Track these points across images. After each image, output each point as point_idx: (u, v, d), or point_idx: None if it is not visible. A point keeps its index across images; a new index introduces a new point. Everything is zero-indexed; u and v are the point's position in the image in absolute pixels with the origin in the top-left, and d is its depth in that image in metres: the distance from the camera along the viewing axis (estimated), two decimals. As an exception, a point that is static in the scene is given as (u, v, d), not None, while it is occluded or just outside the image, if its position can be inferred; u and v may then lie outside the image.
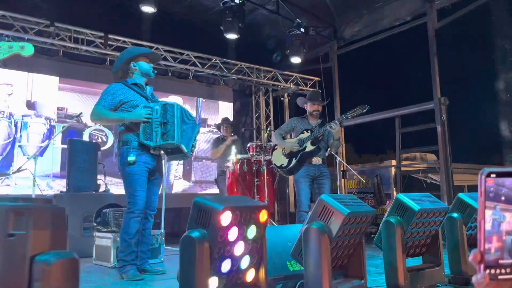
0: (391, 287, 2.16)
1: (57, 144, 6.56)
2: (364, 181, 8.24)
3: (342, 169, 8.00)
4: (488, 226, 0.58)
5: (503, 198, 0.58)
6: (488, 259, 0.58)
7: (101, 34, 6.48)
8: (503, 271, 0.58)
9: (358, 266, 2.17)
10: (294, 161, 4.63)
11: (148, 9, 5.89)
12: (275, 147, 4.89)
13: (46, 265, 1.07)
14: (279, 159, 4.79)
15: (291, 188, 8.65)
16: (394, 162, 8.06)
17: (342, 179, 8.08)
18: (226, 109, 8.61)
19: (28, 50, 2.47)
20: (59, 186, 6.37)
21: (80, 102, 6.90)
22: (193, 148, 3.53)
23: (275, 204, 7.63)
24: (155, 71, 3.65)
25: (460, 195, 2.68)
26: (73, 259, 1.13)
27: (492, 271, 0.58)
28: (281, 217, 8.70)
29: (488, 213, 0.58)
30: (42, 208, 1.15)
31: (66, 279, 1.10)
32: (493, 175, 0.58)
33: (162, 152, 3.55)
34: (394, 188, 8.10)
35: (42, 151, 5.98)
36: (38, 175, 5.21)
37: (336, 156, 7.52)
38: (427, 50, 6.77)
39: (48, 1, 6.42)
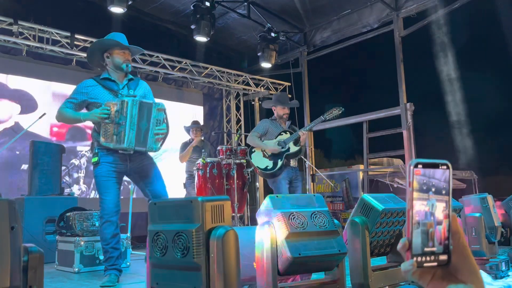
0: (356, 285, 2.19)
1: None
2: (332, 185, 8.35)
3: (311, 173, 8.09)
4: (417, 215, 0.60)
5: (433, 189, 0.61)
6: (415, 247, 0.60)
7: (68, 34, 6.32)
8: (428, 258, 0.61)
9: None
10: (280, 163, 4.44)
11: (117, 9, 5.79)
12: (253, 150, 4.68)
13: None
14: (261, 161, 4.56)
15: (261, 192, 8.66)
16: (362, 167, 8.20)
17: (312, 183, 8.17)
18: (196, 113, 8.55)
19: None
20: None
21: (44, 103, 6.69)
22: (159, 136, 3.21)
23: (246, 208, 7.63)
24: (129, 65, 3.34)
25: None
26: None
27: (419, 258, 0.60)
28: (251, 221, 8.69)
29: (419, 203, 0.61)
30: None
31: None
32: (420, 166, 0.61)
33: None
34: (362, 192, 8.23)
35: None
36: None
37: (306, 160, 7.59)
38: (393, 57, 6.96)
39: (12, -2, 6.22)
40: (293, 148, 4.49)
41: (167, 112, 3.38)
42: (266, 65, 7.69)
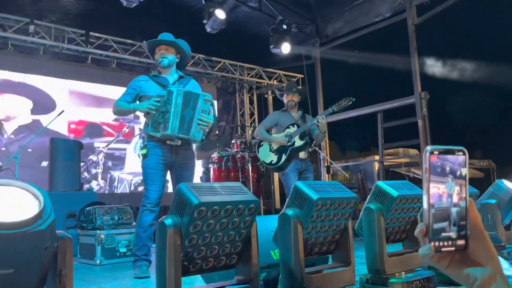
0: (372, 272, 2.21)
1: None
2: (348, 176, 8.35)
3: (326, 164, 8.10)
4: (433, 200, 0.61)
5: (449, 173, 0.62)
6: (432, 232, 0.61)
7: (82, 31, 6.43)
8: (445, 243, 0.61)
9: (345, 252, 2.19)
10: (284, 157, 4.50)
11: (130, 5, 5.85)
12: (261, 143, 4.74)
13: None
14: (267, 155, 4.64)
15: (276, 185, 8.70)
16: (377, 157, 8.17)
17: (327, 175, 8.18)
18: (210, 107, 8.62)
19: None
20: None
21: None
22: (202, 124, 3.28)
23: (261, 200, 7.69)
24: (163, 59, 3.45)
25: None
26: None
27: (437, 243, 0.61)
28: (266, 213, 8.74)
29: (435, 188, 0.61)
30: None
31: None
32: (436, 152, 0.62)
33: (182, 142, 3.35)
34: (378, 183, 8.21)
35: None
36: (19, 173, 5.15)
37: (320, 152, 7.59)
38: (407, 45, 6.89)
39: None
40: (298, 142, 4.52)
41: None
42: (278, 57, 7.65)
